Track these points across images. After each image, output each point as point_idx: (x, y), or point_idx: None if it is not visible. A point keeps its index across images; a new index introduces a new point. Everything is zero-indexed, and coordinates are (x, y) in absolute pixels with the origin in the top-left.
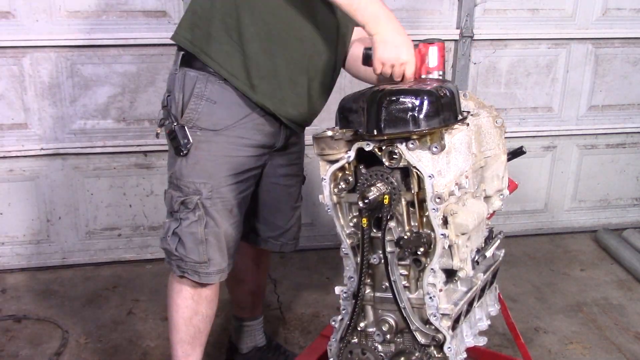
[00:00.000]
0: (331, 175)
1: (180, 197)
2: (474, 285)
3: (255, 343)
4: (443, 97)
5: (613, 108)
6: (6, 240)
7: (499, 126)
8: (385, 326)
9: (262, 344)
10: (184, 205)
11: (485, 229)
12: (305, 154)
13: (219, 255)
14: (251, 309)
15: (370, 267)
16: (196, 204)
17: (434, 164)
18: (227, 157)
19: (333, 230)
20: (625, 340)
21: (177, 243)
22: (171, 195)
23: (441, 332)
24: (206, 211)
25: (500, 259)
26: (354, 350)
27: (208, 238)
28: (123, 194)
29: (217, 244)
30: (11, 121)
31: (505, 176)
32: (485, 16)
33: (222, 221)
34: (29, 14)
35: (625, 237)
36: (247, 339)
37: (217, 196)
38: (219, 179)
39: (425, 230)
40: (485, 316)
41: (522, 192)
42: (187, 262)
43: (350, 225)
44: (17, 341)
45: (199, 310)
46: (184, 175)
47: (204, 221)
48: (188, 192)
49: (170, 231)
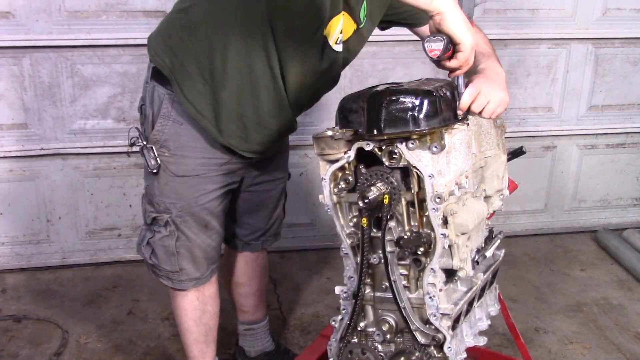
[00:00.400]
0: (331, 175)
1: (152, 213)
2: (474, 285)
3: (263, 347)
4: (443, 97)
5: (613, 108)
6: (6, 240)
7: (499, 126)
8: (385, 326)
9: (271, 348)
10: (155, 220)
11: (485, 229)
12: (305, 154)
13: (191, 265)
14: (253, 312)
15: (370, 267)
16: (167, 221)
17: (434, 164)
18: (196, 179)
19: (333, 230)
20: (625, 340)
21: (151, 253)
22: (145, 207)
23: (441, 332)
24: (177, 227)
25: (500, 259)
26: (354, 350)
27: (179, 250)
28: (123, 194)
29: (190, 255)
30: (11, 121)
31: (505, 176)
32: (485, 16)
33: (195, 236)
34: (29, 14)
35: (625, 237)
36: (254, 343)
37: (187, 215)
38: (188, 200)
39: (425, 230)
40: (485, 316)
41: (522, 192)
42: (161, 269)
43: (350, 225)
44: (17, 341)
45: (206, 309)
46: (155, 193)
47: (175, 236)
48: (159, 209)
49: (145, 240)
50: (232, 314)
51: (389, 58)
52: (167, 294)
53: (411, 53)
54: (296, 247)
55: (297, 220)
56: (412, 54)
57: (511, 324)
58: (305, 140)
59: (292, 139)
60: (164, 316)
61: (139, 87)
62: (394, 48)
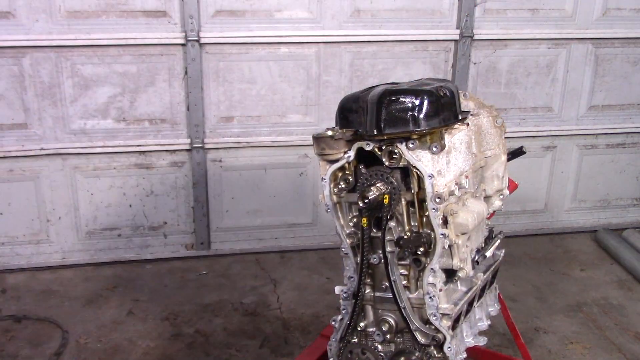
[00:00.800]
0: (331, 175)
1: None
2: (474, 285)
3: None
4: (443, 97)
5: (613, 108)
6: (6, 240)
7: (499, 126)
8: (385, 326)
9: None
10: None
11: (485, 229)
12: (305, 154)
13: None
14: None
15: (370, 267)
16: None
17: (434, 164)
18: None
19: (333, 230)
20: (625, 340)
21: None
22: None
23: (441, 332)
24: None
25: (500, 259)
26: (354, 350)
27: None
28: (123, 194)
29: None
30: (11, 121)
31: (505, 176)
32: (485, 16)
33: None
34: (29, 14)
35: (625, 237)
36: None
37: None
38: None
39: (425, 230)
40: (485, 316)
41: (522, 192)
42: None
43: (350, 225)
44: (17, 341)
45: None
46: None
47: None
48: None
49: None
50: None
51: (389, 58)
52: (167, 294)
53: (411, 53)
54: (296, 247)
55: (297, 220)
56: (412, 54)
57: (511, 324)
58: (306, 140)
59: (292, 139)
60: (164, 316)
61: (139, 87)
62: (393, 48)
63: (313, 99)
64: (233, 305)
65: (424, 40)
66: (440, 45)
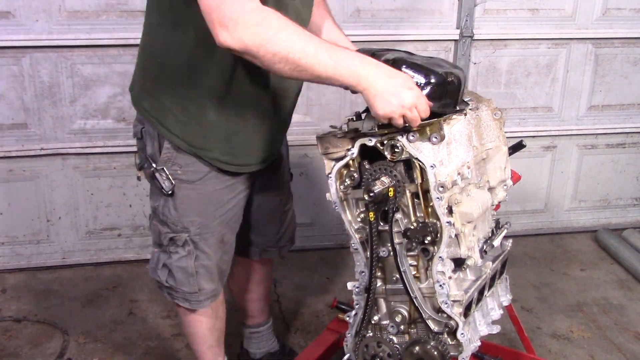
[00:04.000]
0: (337, 172)
1: (169, 234)
2: (483, 274)
3: (268, 348)
4: (450, 83)
5: (613, 108)
6: (6, 240)
7: (498, 118)
8: (399, 317)
9: (276, 349)
10: (172, 241)
11: (491, 219)
12: (305, 154)
13: (210, 284)
14: (259, 315)
15: (380, 260)
16: (185, 240)
17: (435, 155)
18: (213, 193)
19: (333, 230)
20: (625, 340)
21: (167, 275)
22: (158, 229)
23: (453, 319)
24: (196, 246)
25: (508, 248)
26: (370, 344)
27: (198, 270)
28: (123, 194)
29: (208, 274)
30: (11, 121)
31: (507, 167)
32: (485, 16)
33: (213, 253)
34: (29, 14)
35: (625, 237)
36: (259, 344)
37: (206, 231)
38: (207, 215)
39: (431, 220)
40: (497, 305)
41: (522, 192)
42: (178, 291)
43: (358, 220)
44: (17, 341)
45: (218, 315)
46: (170, 214)
47: (194, 255)
48: (176, 229)
49: (160, 263)
50: (230, 315)
51: None
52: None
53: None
54: (296, 247)
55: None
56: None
57: (514, 317)
58: (305, 141)
59: (292, 139)
60: (164, 316)
61: None
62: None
63: (313, 99)
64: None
65: (424, 40)
66: (440, 45)
